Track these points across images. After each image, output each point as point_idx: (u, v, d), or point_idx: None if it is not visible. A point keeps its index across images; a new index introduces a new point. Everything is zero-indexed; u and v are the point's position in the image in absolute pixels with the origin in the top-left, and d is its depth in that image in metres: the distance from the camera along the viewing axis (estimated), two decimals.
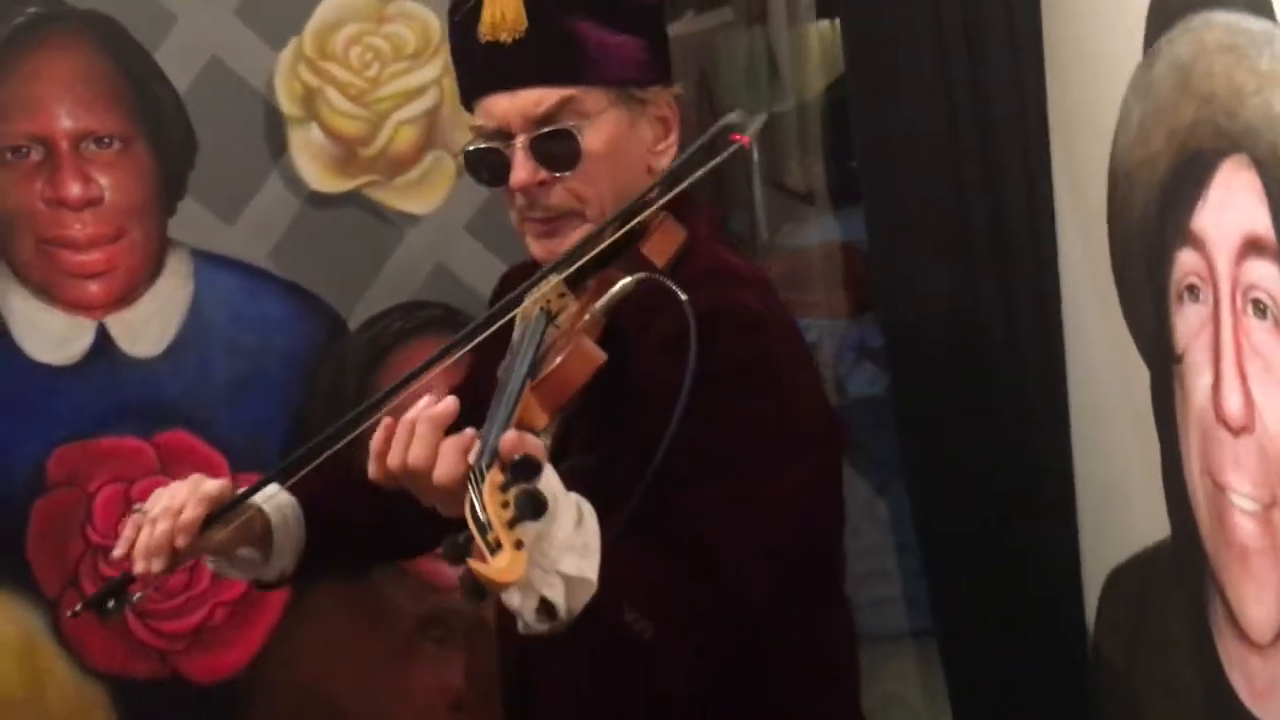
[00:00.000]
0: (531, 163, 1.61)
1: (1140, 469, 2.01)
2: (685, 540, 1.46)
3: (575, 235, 1.62)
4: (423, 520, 1.55)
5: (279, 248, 2.48)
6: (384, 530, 1.82)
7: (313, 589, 2.49)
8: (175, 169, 2.45)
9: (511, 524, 1.25)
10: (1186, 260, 1.78)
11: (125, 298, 2.46)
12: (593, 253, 1.58)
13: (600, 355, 1.48)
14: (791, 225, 4.63)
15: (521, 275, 1.71)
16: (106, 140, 2.43)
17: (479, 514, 1.26)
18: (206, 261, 2.47)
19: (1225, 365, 1.71)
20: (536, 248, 1.66)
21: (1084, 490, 2.24)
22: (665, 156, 1.67)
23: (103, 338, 2.46)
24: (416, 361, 2.46)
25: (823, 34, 4.09)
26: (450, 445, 1.38)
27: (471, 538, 1.25)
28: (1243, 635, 1.76)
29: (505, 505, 1.26)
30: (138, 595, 1.68)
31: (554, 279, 1.58)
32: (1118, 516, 2.14)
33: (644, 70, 1.65)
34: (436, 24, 2.45)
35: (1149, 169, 1.86)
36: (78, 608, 1.73)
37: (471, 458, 1.34)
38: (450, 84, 2.30)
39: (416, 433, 1.40)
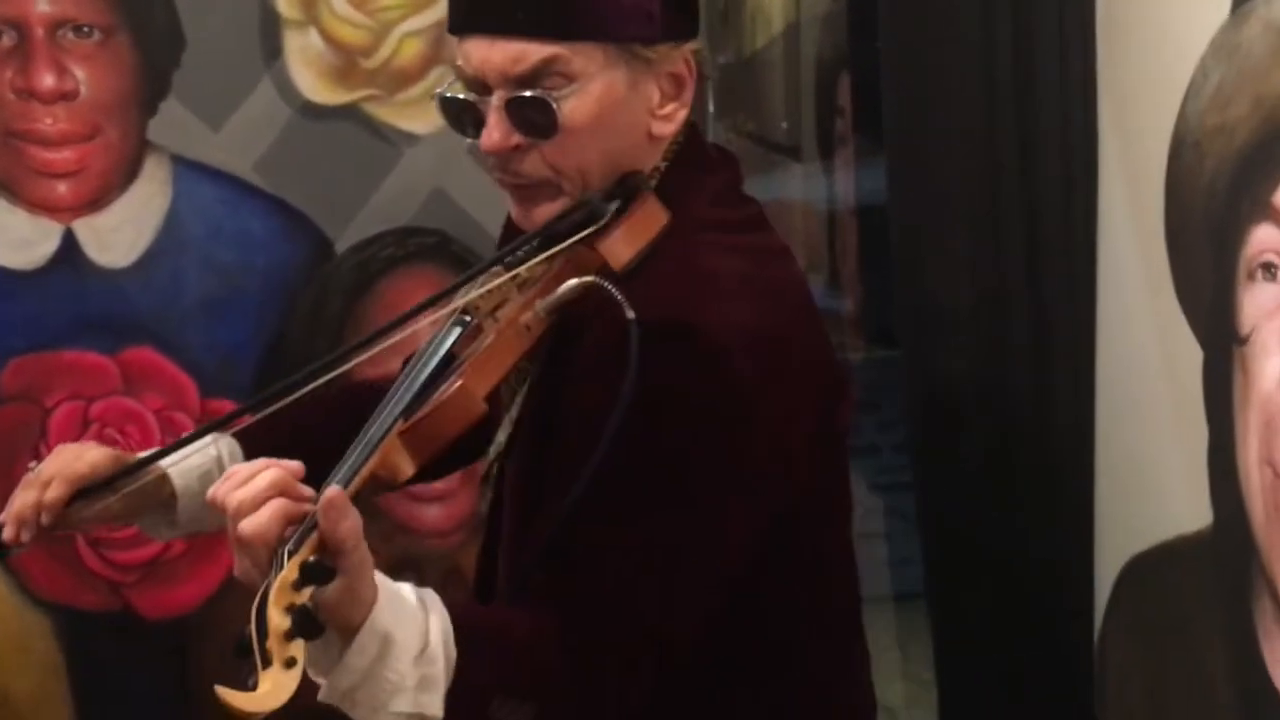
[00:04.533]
0: (506, 124, 1.43)
1: (1178, 452, 1.93)
2: (587, 583, 1.34)
3: (554, 206, 1.45)
4: None
5: (266, 160, 2.34)
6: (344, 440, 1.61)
7: None
8: (159, 66, 2.30)
9: (287, 636, 1.11)
10: (1265, 236, 1.69)
11: (96, 202, 2.32)
12: (530, 263, 1.41)
13: (481, 408, 1.33)
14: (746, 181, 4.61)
15: None
16: (86, 29, 2.28)
17: (263, 613, 1.12)
18: (187, 169, 2.33)
19: None
20: (513, 210, 1.51)
21: (1105, 472, 2.16)
22: (672, 121, 1.47)
23: (69, 243, 2.32)
24: (407, 291, 2.37)
25: None
26: (275, 507, 1.21)
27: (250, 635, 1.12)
28: None
29: (289, 610, 1.12)
30: (15, 549, 1.55)
31: (484, 286, 1.42)
32: (1144, 501, 2.06)
33: (653, 26, 1.45)
34: None
35: (1225, 137, 1.76)
36: None
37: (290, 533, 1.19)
38: None
39: (253, 476, 1.23)
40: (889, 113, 2.30)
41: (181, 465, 1.56)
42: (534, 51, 1.40)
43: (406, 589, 1.27)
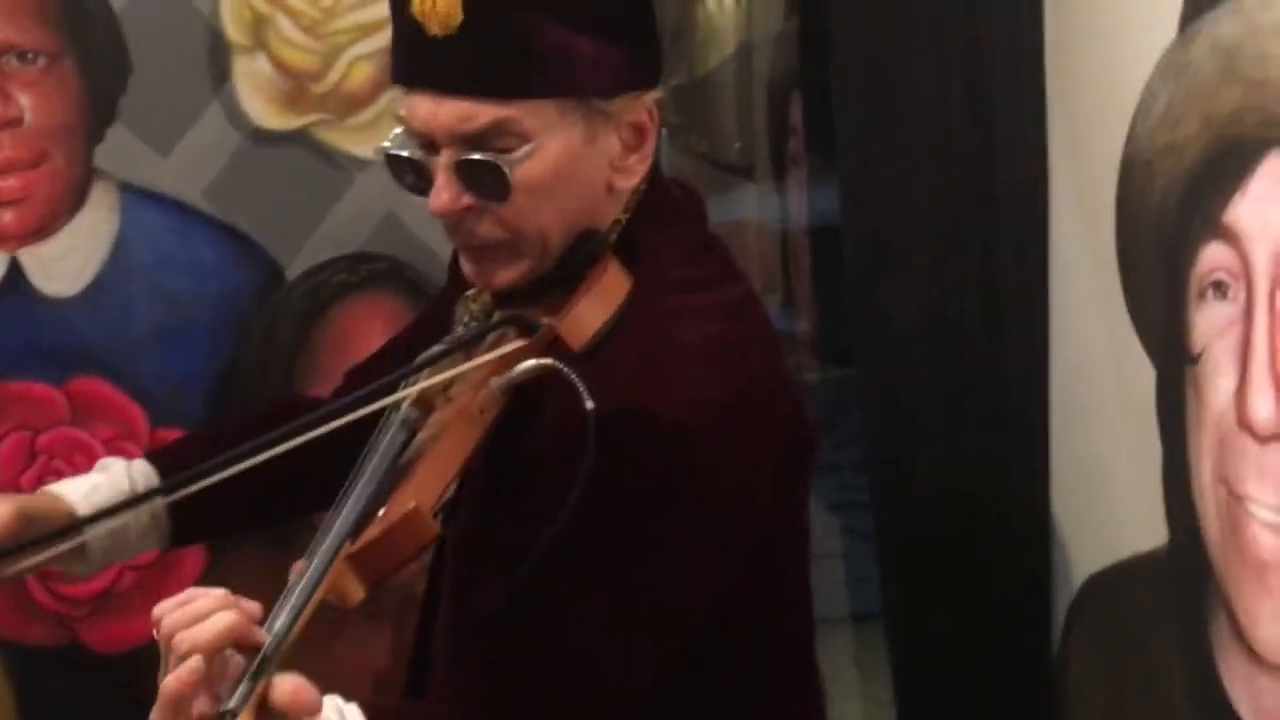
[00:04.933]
0: (456, 186, 1.36)
1: (1133, 472, 1.93)
2: (532, 659, 1.32)
3: (511, 270, 1.40)
4: (307, 475, 1.40)
5: (215, 186, 2.30)
6: (263, 492, 1.53)
7: (232, 556, 2.33)
8: (105, 92, 2.26)
9: None
10: (1215, 255, 1.69)
11: (41, 230, 2.28)
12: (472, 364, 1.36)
13: (433, 530, 1.26)
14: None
15: None
16: (30, 56, 2.24)
17: None
18: (135, 196, 2.29)
19: (1256, 368, 1.62)
20: (466, 268, 1.44)
21: (1060, 490, 2.16)
22: (633, 174, 1.41)
23: (14, 272, 2.27)
24: (359, 318, 2.34)
25: (733, 7, 4.06)
26: (221, 627, 1.15)
27: None
28: (1251, 653, 1.68)
29: None
30: None
31: (430, 379, 1.36)
32: (1100, 521, 2.06)
33: (614, 78, 1.38)
34: None
35: (1175, 156, 1.76)
36: None
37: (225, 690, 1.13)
38: None
39: (199, 612, 1.17)
40: (841, 132, 2.30)
41: (91, 499, 1.50)
42: (483, 112, 1.33)
43: (329, 707, 1.21)
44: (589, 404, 1.24)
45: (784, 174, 3.72)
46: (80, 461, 2.30)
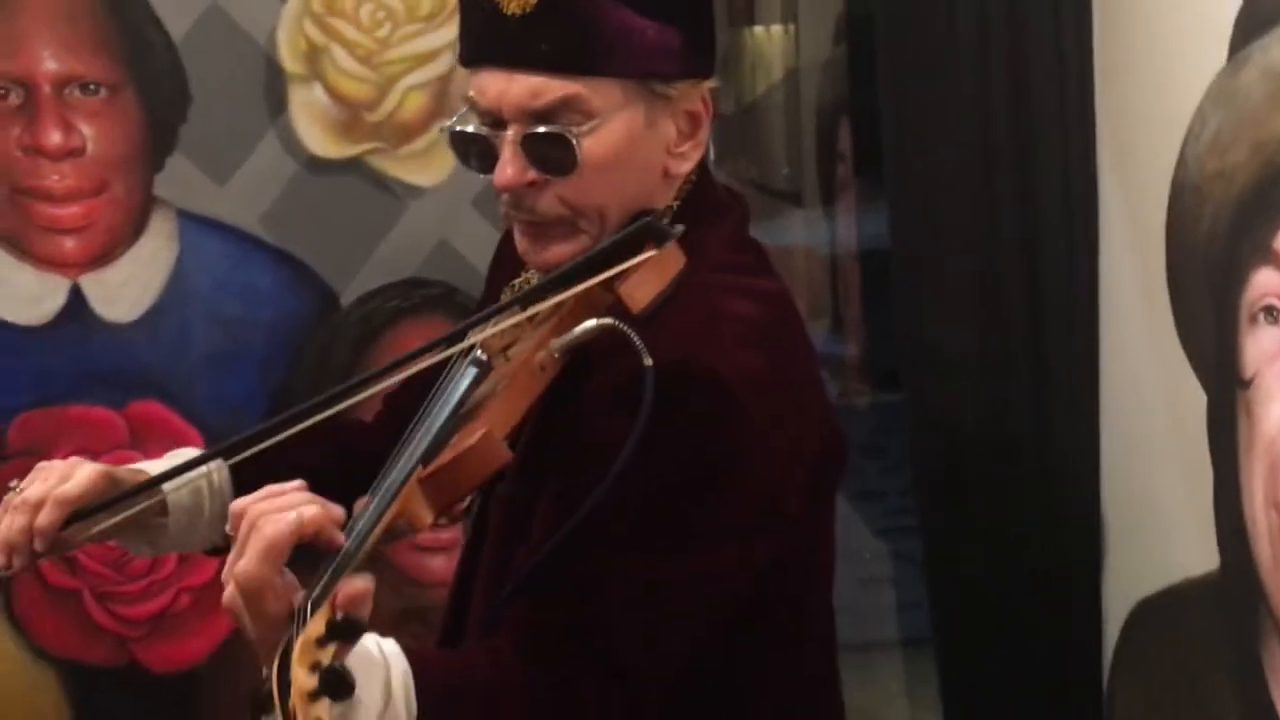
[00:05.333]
0: (521, 160, 1.40)
1: (1184, 497, 1.93)
2: (565, 615, 1.32)
3: (569, 245, 1.43)
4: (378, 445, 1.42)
5: (272, 213, 2.34)
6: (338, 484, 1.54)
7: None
8: (165, 122, 2.30)
9: (313, 696, 1.07)
10: (1266, 280, 1.69)
11: (103, 257, 2.32)
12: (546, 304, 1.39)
13: (505, 455, 1.31)
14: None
15: None
16: (92, 87, 2.29)
17: (286, 669, 1.08)
18: (193, 223, 2.33)
19: None
20: (521, 244, 1.48)
21: (1112, 515, 2.15)
22: (687, 160, 1.46)
23: (76, 299, 2.32)
24: (412, 342, 2.37)
25: (781, 34, 4.07)
26: (302, 513, 1.18)
27: (271, 692, 1.08)
28: None
29: (314, 668, 1.08)
30: (4, 574, 1.51)
31: (498, 325, 1.40)
32: (1151, 545, 2.06)
33: (674, 62, 1.43)
34: None
35: (1225, 182, 1.77)
36: None
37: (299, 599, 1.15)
38: None
39: (250, 539, 1.19)
40: (889, 158, 2.31)
41: (176, 481, 1.51)
42: (554, 87, 1.38)
43: (368, 641, 1.23)
44: (648, 361, 1.28)
45: (832, 200, 3.73)
46: None
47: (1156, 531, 2.03)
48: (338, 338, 2.38)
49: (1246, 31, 1.71)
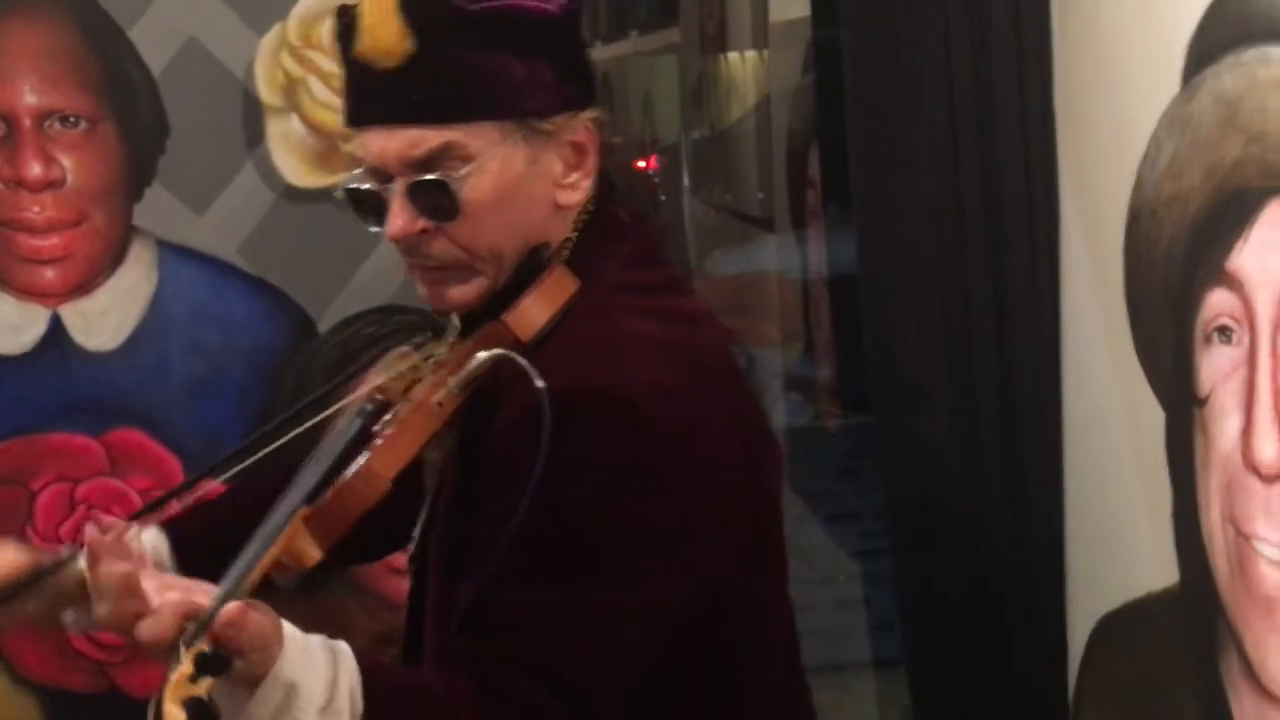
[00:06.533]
0: (409, 211, 1.43)
1: (1145, 513, 1.97)
2: (506, 645, 1.33)
3: (468, 288, 1.46)
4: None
5: (249, 243, 2.38)
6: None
7: (265, 601, 2.37)
8: (144, 154, 2.35)
9: None
10: (1219, 301, 1.73)
11: (82, 287, 2.36)
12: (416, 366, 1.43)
13: (384, 487, 1.34)
14: (720, 252, 4.65)
15: None
16: (72, 119, 2.32)
17: (160, 708, 1.13)
18: (172, 253, 2.37)
19: (1260, 410, 1.66)
20: (422, 290, 1.51)
21: (1075, 531, 2.19)
22: (577, 190, 1.48)
23: (56, 328, 2.35)
24: None
25: (755, 60, 4.11)
26: (170, 604, 1.20)
27: None
28: (1262, 689, 1.71)
29: (184, 704, 1.12)
30: None
31: (379, 378, 1.43)
32: (1113, 561, 2.09)
33: (548, 98, 1.45)
34: None
35: (1180, 205, 1.81)
36: None
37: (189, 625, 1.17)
38: None
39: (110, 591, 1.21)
40: (857, 185, 2.35)
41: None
42: (430, 137, 1.41)
43: (317, 641, 1.26)
44: (539, 383, 1.31)
45: (804, 225, 3.77)
46: (119, 511, 2.35)
47: (1118, 547, 2.07)
48: (315, 364, 2.41)
49: (1198, 59, 1.76)
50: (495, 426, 1.38)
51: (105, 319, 2.35)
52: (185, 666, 1.14)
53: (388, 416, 1.41)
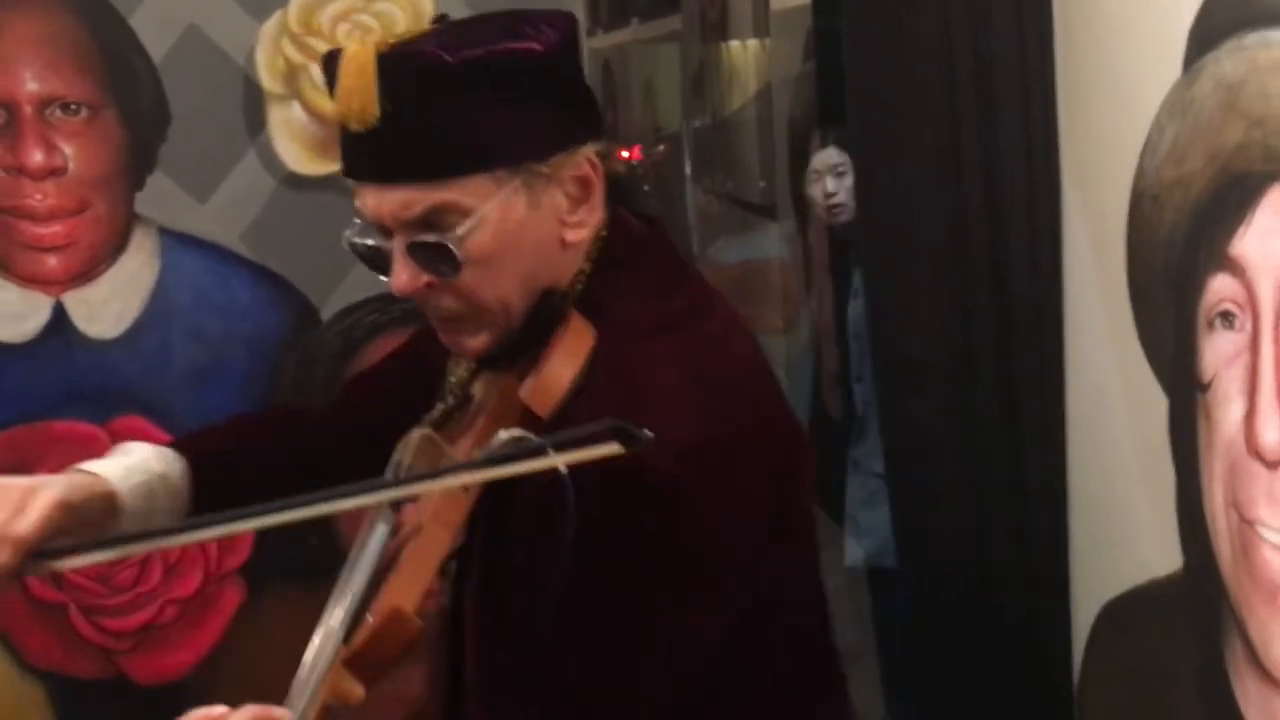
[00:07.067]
0: (411, 267, 1.38)
1: (1147, 499, 1.97)
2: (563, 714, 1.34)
3: (479, 339, 1.43)
4: (340, 462, 1.45)
5: (252, 230, 2.39)
6: (299, 480, 1.52)
7: (269, 589, 2.38)
8: (145, 141, 2.35)
9: None
10: (1222, 286, 1.73)
11: (85, 274, 2.36)
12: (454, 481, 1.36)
13: (417, 625, 1.31)
14: (722, 240, 4.65)
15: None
16: (74, 107, 2.33)
17: None
18: (174, 241, 2.38)
19: (1263, 395, 1.66)
20: (441, 336, 1.48)
21: (1078, 518, 2.19)
22: (585, 225, 1.42)
23: (59, 316, 2.36)
24: None
25: (757, 49, 4.11)
26: None
27: None
28: (1266, 675, 1.71)
29: None
30: None
31: (411, 489, 1.38)
32: (1116, 547, 2.09)
33: (545, 141, 1.39)
34: (428, 3, 2.36)
35: (1182, 190, 1.81)
36: None
37: None
38: None
39: None
40: (857, 171, 2.35)
41: (129, 482, 1.52)
42: (421, 198, 1.36)
43: None
44: (563, 469, 1.25)
45: (805, 211, 3.77)
46: None
47: (1122, 533, 2.07)
48: (318, 352, 2.42)
49: (1199, 44, 1.75)
50: (522, 501, 1.35)
51: (108, 307, 2.36)
52: None
53: (416, 505, 1.39)
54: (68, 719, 2.40)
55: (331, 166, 2.39)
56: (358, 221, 1.44)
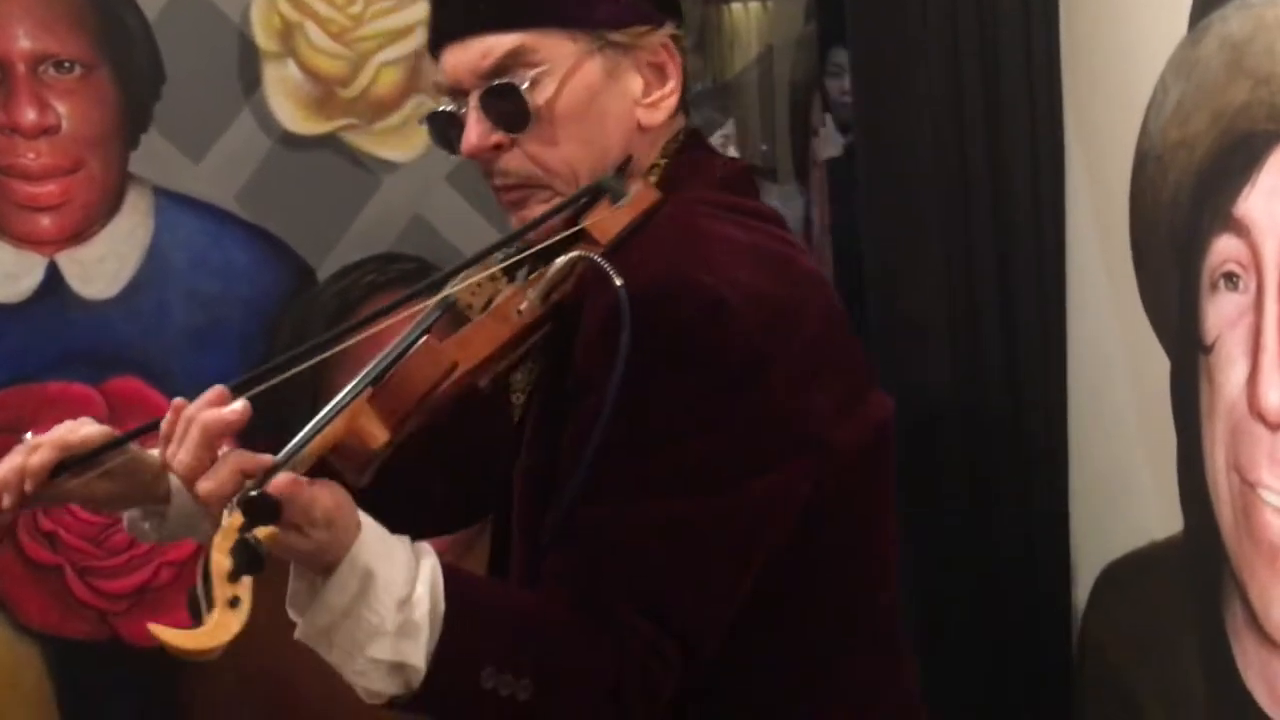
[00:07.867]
0: (483, 124, 1.40)
1: (1148, 461, 1.96)
2: (595, 561, 1.28)
3: (547, 208, 1.41)
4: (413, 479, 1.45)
5: (247, 190, 2.35)
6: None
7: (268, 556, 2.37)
8: (140, 100, 2.32)
9: (230, 576, 1.11)
10: (1226, 247, 1.72)
11: (79, 234, 2.33)
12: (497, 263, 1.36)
13: (449, 362, 1.26)
14: None
15: None
16: (67, 65, 2.30)
17: (208, 559, 1.13)
18: (168, 200, 2.35)
19: (1266, 357, 1.65)
20: (508, 211, 1.47)
21: (1079, 480, 2.18)
22: (660, 110, 1.42)
23: (53, 276, 2.33)
24: None
25: (759, 11, 4.08)
26: (229, 461, 1.19)
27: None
28: (1266, 638, 1.70)
29: (231, 551, 1.12)
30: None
31: (465, 277, 1.36)
32: (1117, 510, 2.09)
33: (621, 9, 1.42)
34: None
35: (1186, 150, 1.79)
36: None
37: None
38: None
39: (187, 434, 1.22)
40: (859, 132, 2.33)
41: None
42: (500, 44, 1.39)
43: (401, 538, 1.23)
44: (618, 282, 1.27)
45: (806, 175, 3.75)
46: None
47: (1123, 496, 2.06)
48: (314, 312, 2.40)
49: (1205, 3, 1.73)
50: (580, 335, 1.32)
51: (102, 267, 2.33)
52: (233, 517, 1.14)
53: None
54: (63, 680, 2.37)
55: (327, 125, 2.37)
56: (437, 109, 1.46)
